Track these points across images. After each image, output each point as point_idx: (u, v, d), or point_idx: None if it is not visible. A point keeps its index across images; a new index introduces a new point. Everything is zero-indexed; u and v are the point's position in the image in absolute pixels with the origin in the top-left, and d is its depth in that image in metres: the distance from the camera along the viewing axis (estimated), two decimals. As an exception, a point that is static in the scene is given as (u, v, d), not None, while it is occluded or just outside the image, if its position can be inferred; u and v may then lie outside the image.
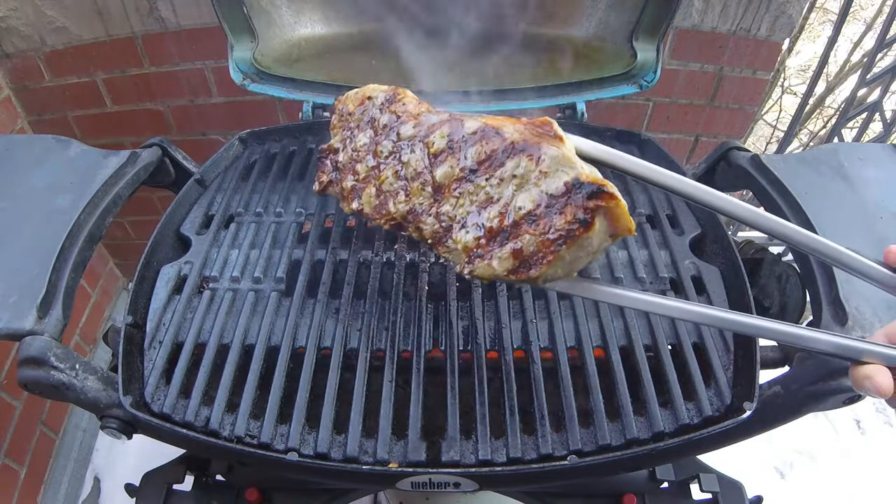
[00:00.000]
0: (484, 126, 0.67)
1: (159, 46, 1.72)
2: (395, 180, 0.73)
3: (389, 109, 0.79)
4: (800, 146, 3.44)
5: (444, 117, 0.72)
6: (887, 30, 1.72)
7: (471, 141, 0.67)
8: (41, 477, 1.77)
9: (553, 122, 0.63)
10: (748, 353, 0.83)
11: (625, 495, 0.94)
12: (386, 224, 0.73)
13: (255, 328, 0.90)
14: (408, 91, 0.80)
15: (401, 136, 0.74)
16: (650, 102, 1.85)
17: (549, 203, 0.59)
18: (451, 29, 1.35)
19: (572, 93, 1.28)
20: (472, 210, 0.65)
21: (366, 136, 0.79)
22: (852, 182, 0.96)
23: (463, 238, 0.65)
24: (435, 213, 0.68)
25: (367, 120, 0.81)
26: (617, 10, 1.24)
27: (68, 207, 0.91)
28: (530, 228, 0.60)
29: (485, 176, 0.64)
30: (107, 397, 0.80)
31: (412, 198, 0.71)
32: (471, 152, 0.66)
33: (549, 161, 0.60)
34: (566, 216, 0.57)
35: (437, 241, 0.68)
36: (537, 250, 0.59)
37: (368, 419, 0.80)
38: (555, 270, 0.60)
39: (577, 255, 0.59)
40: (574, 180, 0.57)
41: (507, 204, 0.62)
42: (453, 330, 0.88)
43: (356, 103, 0.84)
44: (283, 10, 1.29)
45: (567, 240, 0.57)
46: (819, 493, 1.94)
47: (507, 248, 0.61)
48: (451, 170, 0.67)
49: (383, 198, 0.74)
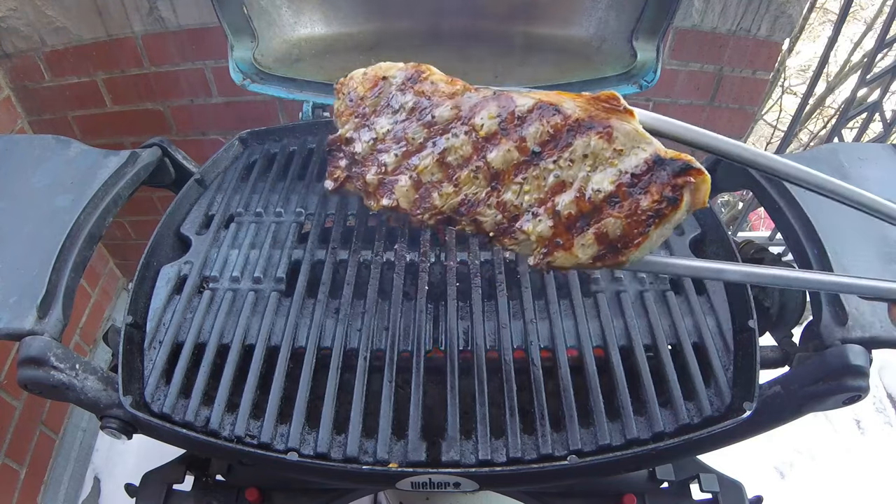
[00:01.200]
0: (540, 103, 0.59)
1: (159, 46, 1.72)
2: (438, 169, 0.64)
3: (414, 90, 0.69)
4: (800, 146, 3.44)
5: (487, 94, 0.64)
6: (887, 30, 1.72)
7: (527, 120, 0.60)
8: (41, 477, 1.77)
9: (620, 96, 0.57)
10: (748, 353, 0.83)
11: (625, 495, 0.94)
12: (431, 219, 0.65)
13: (255, 328, 0.90)
14: (432, 67, 0.71)
15: (436, 118, 0.65)
16: (650, 102, 1.85)
17: (632, 182, 0.55)
18: (451, 29, 1.35)
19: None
20: (542, 196, 0.59)
21: (388, 121, 0.69)
22: (852, 182, 0.96)
23: (536, 228, 0.59)
24: (496, 202, 0.61)
25: (384, 103, 0.71)
26: (617, 10, 1.24)
27: (68, 207, 0.91)
28: (613, 211, 0.55)
29: (551, 158, 0.58)
30: (107, 397, 0.80)
31: (462, 188, 0.63)
32: (530, 132, 0.59)
33: (622, 138, 0.55)
34: (653, 195, 0.53)
35: (500, 234, 0.62)
36: (624, 234, 0.55)
37: (368, 419, 0.80)
38: (642, 253, 0.56)
39: (663, 233, 0.56)
40: (655, 156, 0.54)
41: (583, 187, 0.57)
42: (453, 330, 0.88)
43: (368, 85, 0.74)
44: (283, 10, 1.29)
45: (656, 220, 0.54)
46: (819, 493, 1.94)
47: (589, 233, 0.57)
48: (509, 153, 0.60)
49: (424, 190, 0.65)
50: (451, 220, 0.65)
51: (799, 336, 0.87)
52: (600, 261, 0.57)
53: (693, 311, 0.90)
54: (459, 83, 0.69)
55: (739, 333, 0.87)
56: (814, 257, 0.85)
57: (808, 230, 0.88)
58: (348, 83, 0.77)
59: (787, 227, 0.92)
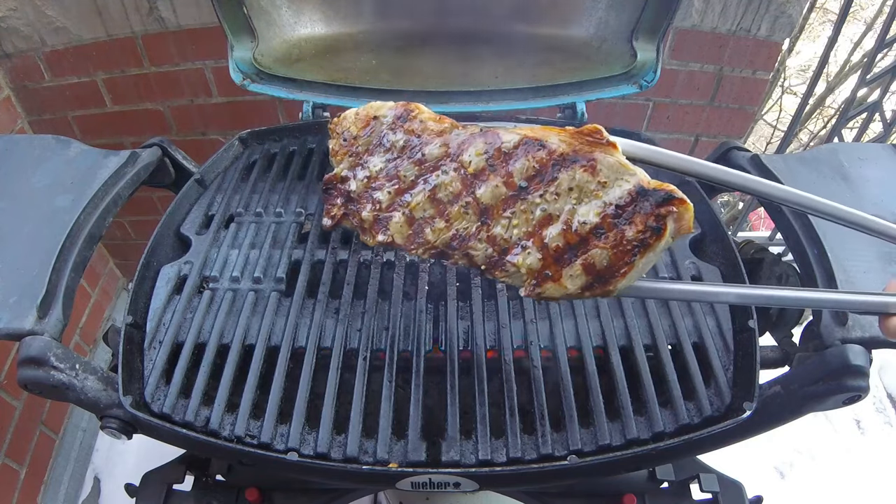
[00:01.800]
0: (525, 139, 0.62)
1: (159, 46, 1.72)
2: (430, 205, 0.67)
3: (404, 128, 0.72)
4: (800, 146, 3.44)
5: (474, 130, 0.67)
6: (887, 30, 1.72)
7: (514, 156, 0.62)
8: (41, 477, 1.77)
9: (602, 129, 0.60)
10: (748, 353, 0.83)
11: (625, 495, 0.94)
12: (425, 254, 0.67)
13: (255, 328, 0.90)
14: (421, 105, 0.74)
15: (426, 156, 0.68)
16: (650, 102, 1.85)
17: (616, 214, 0.57)
18: (451, 29, 1.35)
19: (572, 93, 1.28)
20: (531, 229, 0.61)
21: (380, 159, 0.72)
22: (852, 182, 0.96)
23: (526, 260, 0.61)
24: (486, 236, 0.63)
25: (376, 142, 0.73)
26: (617, 10, 1.24)
27: (68, 207, 0.91)
28: (599, 242, 0.58)
29: (537, 192, 0.61)
30: (107, 397, 0.80)
31: (453, 223, 0.65)
32: (517, 168, 0.61)
33: (606, 170, 0.58)
34: (637, 226, 0.56)
35: (492, 266, 0.64)
36: (611, 264, 0.57)
37: (368, 419, 0.80)
38: (629, 281, 0.58)
39: (650, 261, 0.58)
40: (638, 187, 0.56)
41: (569, 219, 0.59)
42: (453, 330, 0.88)
43: (360, 125, 0.76)
44: (283, 10, 1.29)
45: (641, 249, 0.56)
46: (819, 493, 1.94)
47: (577, 264, 0.59)
48: (497, 189, 0.63)
49: (417, 226, 0.67)
50: (445, 254, 0.67)
51: (799, 336, 0.87)
52: (589, 290, 0.59)
53: (693, 310, 0.90)
54: (447, 121, 0.70)
55: (739, 333, 0.87)
56: (814, 257, 0.85)
57: (808, 230, 0.88)
58: (342, 123, 0.78)
59: (787, 228, 0.92)
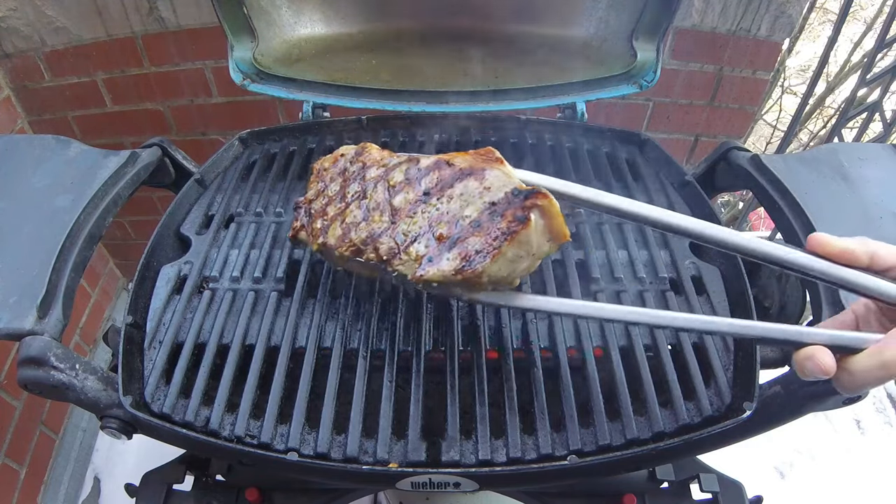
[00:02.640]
0: (437, 160, 0.76)
1: (159, 46, 1.72)
2: (359, 213, 0.81)
3: (358, 160, 0.87)
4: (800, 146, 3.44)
5: (402, 158, 0.82)
6: (887, 30, 1.72)
7: (425, 171, 0.76)
8: (41, 477, 1.77)
9: (494, 150, 0.74)
10: (748, 353, 0.83)
11: (625, 495, 0.94)
12: (347, 251, 0.78)
13: (255, 328, 0.90)
14: (373, 144, 0.91)
15: (366, 178, 0.83)
16: (650, 102, 1.85)
17: (492, 210, 0.67)
18: (451, 29, 1.35)
19: (572, 93, 1.28)
20: (424, 225, 0.72)
21: (337, 184, 0.87)
22: (852, 182, 0.96)
23: (415, 248, 0.71)
24: (390, 232, 0.75)
25: (338, 171, 0.89)
26: (617, 10, 1.24)
27: (68, 207, 0.91)
28: (475, 232, 0.67)
29: (436, 198, 0.73)
30: (107, 397, 0.80)
31: (371, 224, 0.77)
32: (425, 181, 0.75)
33: (491, 179, 0.69)
34: (507, 218, 0.65)
35: (391, 257, 0.73)
36: (481, 248, 0.66)
37: (368, 419, 0.80)
38: (499, 268, 0.66)
39: (518, 253, 0.65)
40: (513, 189, 0.67)
41: (456, 215, 0.70)
42: (453, 330, 0.88)
43: (331, 161, 0.93)
44: (283, 10, 1.29)
45: (508, 236, 0.64)
46: (819, 493, 1.94)
47: (454, 250, 0.68)
48: (407, 195, 0.76)
49: (346, 228, 0.80)
50: (360, 251, 0.78)
51: (799, 336, 0.87)
52: (461, 273, 0.66)
53: (693, 310, 0.90)
54: (387, 152, 0.87)
55: (739, 333, 0.87)
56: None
57: (808, 231, 0.88)
58: (321, 161, 0.95)
59: (787, 228, 0.92)
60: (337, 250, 0.80)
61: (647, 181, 1.14)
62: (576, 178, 1.15)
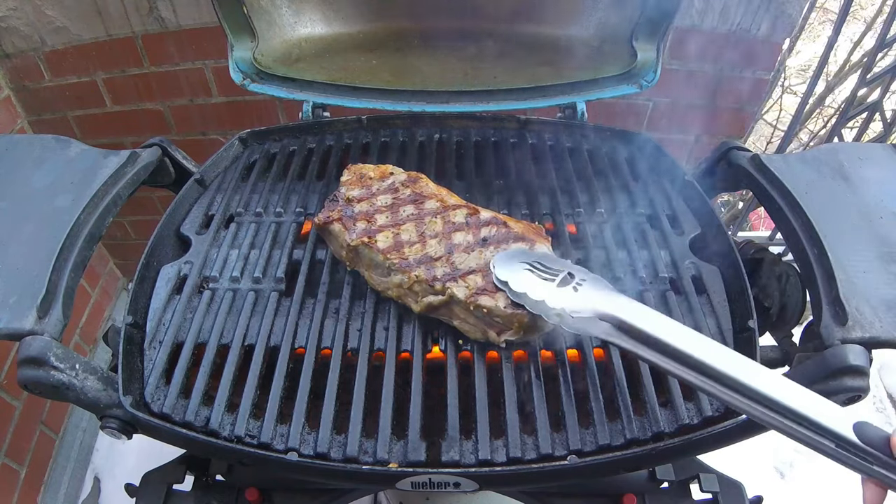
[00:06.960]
0: (494, 216, 0.94)
1: (159, 46, 1.72)
2: (413, 233, 0.93)
3: (412, 188, 1.00)
4: (800, 146, 3.44)
5: (461, 202, 0.98)
6: (887, 30, 1.72)
7: (484, 223, 0.93)
8: (41, 477, 1.77)
9: (542, 228, 0.95)
10: (748, 353, 0.82)
11: (625, 495, 0.94)
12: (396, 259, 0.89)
13: (255, 328, 0.90)
14: (425, 175, 1.04)
15: (424, 206, 0.97)
16: (650, 102, 1.85)
17: None
18: (450, 29, 1.35)
19: (572, 93, 1.28)
20: (482, 264, 0.87)
21: (388, 198, 0.99)
22: (852, 182, 0.96)
23: (473, 279, 0.86)
24: (446, 259, 0.89)
25: (388, 187, 1.01)
26: (617, 10, 1.24)
27: (68, 207, 0.91)
28: None
29: (493, 246, 0.89)
30: (107, 397, 0.80)
31: (426, 247, 0.90)
32: (484, 230, 0.92)
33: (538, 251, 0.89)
34: None
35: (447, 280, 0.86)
36: None
37: (368, 419, 0.80)
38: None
39: None
40: None
41: None
42: (453, 330, 0.88)
43: (377, 174, 1.04)
44: (283, 10, 1.29)
45: None
46: (819, 493, 1.94)
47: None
48: (466, 236, 0.91)
49: (398, 241, 0.91)
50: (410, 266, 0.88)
51: (799, 336, 0.87)
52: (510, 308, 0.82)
53: (693, 310, 0.90)
54: (444, 190, 1.02)
55: (739, 333, 0.87)
56: (814, 257, 0.85)
57: (808, 230, 0.88)
58: (360, 169, 1.05)
59: (787, 227, 0.92)
60: (383, 254, 0.89)
61: (647, 181, 1.14)
62: (576, 178, 1.15)
